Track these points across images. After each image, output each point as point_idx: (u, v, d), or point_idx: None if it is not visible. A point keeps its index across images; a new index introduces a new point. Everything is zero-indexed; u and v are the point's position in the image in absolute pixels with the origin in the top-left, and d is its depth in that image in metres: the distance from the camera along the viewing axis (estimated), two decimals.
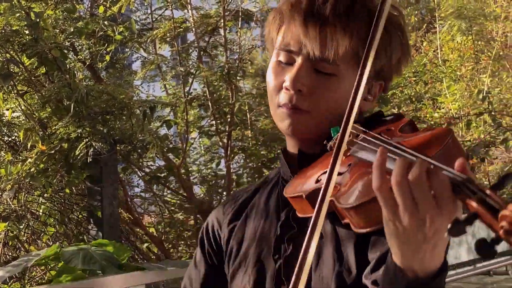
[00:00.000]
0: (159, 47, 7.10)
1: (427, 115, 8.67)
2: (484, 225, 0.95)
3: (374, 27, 1.25)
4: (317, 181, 1.33)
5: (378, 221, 1.12)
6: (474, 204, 0.96)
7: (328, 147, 1.41)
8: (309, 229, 1.19)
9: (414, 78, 8.35)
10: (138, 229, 6.71)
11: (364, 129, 1.31)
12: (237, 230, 1.62)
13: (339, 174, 1.25)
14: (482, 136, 9.34)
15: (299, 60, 1.45)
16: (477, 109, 9.48)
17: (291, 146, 1.55)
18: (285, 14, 1.47)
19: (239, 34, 6.87)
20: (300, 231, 1.42)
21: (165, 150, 6.30)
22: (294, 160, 1.52)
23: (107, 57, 6.62)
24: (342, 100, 1.44)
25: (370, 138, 1.26)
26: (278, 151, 7.08)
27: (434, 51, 10.93)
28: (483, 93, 9.50)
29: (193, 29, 6.85)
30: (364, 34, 1.40)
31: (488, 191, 0.96)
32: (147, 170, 6.76)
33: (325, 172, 1.27)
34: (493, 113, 9.30)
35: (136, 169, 6.74)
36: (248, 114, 6.96)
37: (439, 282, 1.12)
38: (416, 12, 14.71)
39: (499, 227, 0.91)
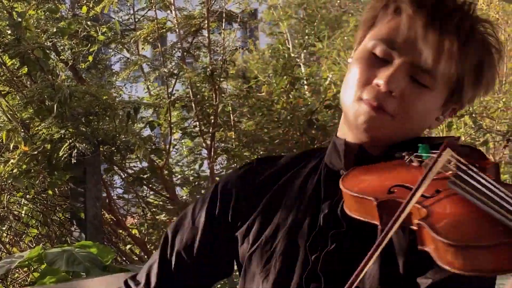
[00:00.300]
0: (142, 48, 7.08)
1: None
2: None
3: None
4: (390, 192, 1.24)
5: (479, 270, 1.05)
6: None
7: (406, 161, 1.33)
8: (375, 245, 1.12)
9: None
10: (121, 231, 6.68)
11: (467, 163, 1.21)
12: (264, 206, 1.52)
13: (425, 197, 1.18)
14: (463, 138, 9.41)
15: (399, 60, 1.38)
16: (458, 112, 9.53)
17: (350, 137, 1.46)
18: (405, 8, 1.38)
19: (223, 36, 6.86)
20: (349, 231, 1.37)
21: (148, 151, 6.27)
22: (349, 153, 1.45)
23: (90, 58, 6.58)
24: (426, 114, 1.42)
25: (475, 175, 1.17)
26: (262, 152, 7.11)
27: None
28: None
29: (177, 30, 6.83)
30: (475, 62, 1.38)
31: None
32: (130, 171, 6.74)
33: (401, 186, 1.23)
34: (473, 115, 9.36)
35: (119, 170, 6.71)
36: (231, 115, 6.95)
37: None
38: None
39: None
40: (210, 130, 6.65)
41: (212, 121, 6.66)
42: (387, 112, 1.38)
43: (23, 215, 6.29)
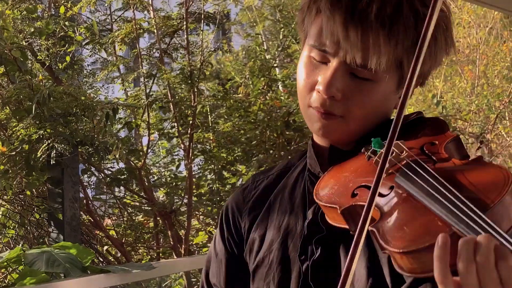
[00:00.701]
0: (120, 49, 7.06)
1: None
2: None
3: (421, 39, 1.15)
4: (354, 194, 1.24)
5: (429, 270, 1.05)
6: None
7: (366, 157, 1.32)
8: (350, 253, 1.10)
9: None
10: (98, 232, 6.65)
11: (415, 153, 1.22)
12: (259, 221, 1.52)
13: (381, 195, 1.18)
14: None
15: (334, 63, 1.36)
16: (432, 113, 9.65)
17: (321, 140, 1.47)
18: (323, 9, 1.35)
19: (201, 37, 6.87)
20: (330, 234, 1.35)
21: (126, 152, 6.26)
22: (323, 154, 1.45)
23: (68, 58, 6.55)
24: (377, 103, 1.40)
25: (418, 168, 1.17)
26: (239, 153, 7.13)
27: None
28: (437, 98, 9.67)
29: (155, 31, 6.82)
30: (409, 40, 1.33)
31: None
32: (107, 172, 6.71)
33: (363, 186, 1.22)
34: (448, 117, 9.46)
35: (96, 171, 6.69)
36: (209, 116, 6.96)
37: None
38: None
39: None
40: (188, 131, 6.63)
41: (191, 122, 6.65)
42: (336, 115, 1.37)
43: (0, 216, 6.24)
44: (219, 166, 7.07)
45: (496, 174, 1.14)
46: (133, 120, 6.70)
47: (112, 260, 6.79)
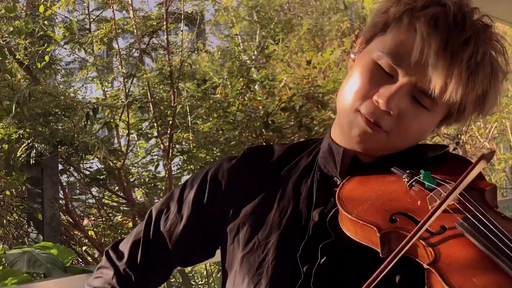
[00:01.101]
0: (99, 49, 7.03)
1: None
2: None
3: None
4: (392, 220, 1.21)
5: None
6: None
7: (406, 183, 1.30)
8: (375, 273, 1.10)
9: None
10: (77, 232, 6.62)
11: (475, 203, 1.20)
12: (255, 206, 1.48)
13: (431, 233, 1.15)
14: None
15: (403, 80, 1.35)
16: None
17: (346, 143, 1.44)
18: (420, 29, 1.33)
19: (181, 37, 6.87)
20: (338, 241, 1.33)
21: (107, 152, 6.24)
22: (343, 159, 1.43)
23: (46, 58, 6.52)
24: (421, 132, 1.40)
25: (484, 219, 1.15)
26: (218, 154, 7.14)
27: None
28: None
29: (134, 30, 6.81)
30: (480, 90, 1.36)
31: None
32: (86, 172, 6.69)
33: (404, 215, 1.19)
34: None
35: (75, 172, 6.66)
36: (189, 116, 6.96)
37: None
38: (346, 18, 14.95)
39: None
40: (168, 132, 6.63)
41: (170, 122, 6.65)
42: (382, 129, 1.37)
43: None
44: (198, 166, 7.08)
45: None
46: (112, 120, 6.67)
47: (91, 260, 6.76)
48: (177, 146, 7.21)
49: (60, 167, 6.53)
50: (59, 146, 5.89)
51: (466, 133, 11.92)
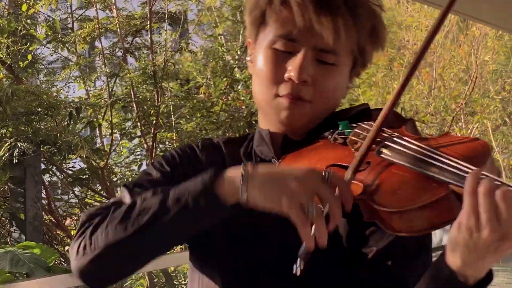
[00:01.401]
0: (82, 48, 7.02)
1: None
2: None
3: (439, 21, 1.28)
4: (325, 173, 1.27)
5: (421, 229, 1.14)
6: None
7: (330, 138, 1.39)
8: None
9: None
10: (59, 232, 6.60)
11: (391, 131, 1.30)
12: None
13: (359, 171, 1.24)
14: None
15: (303, 50, 1.42)
16: None
17: (273, 128, 1.50)
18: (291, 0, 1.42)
19: (165, 36, 6.86)
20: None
21: (89, 151, 6.22)
22: (275, 142, 1.49)
23: (29, 57, 6.50)
24: (338, 89, 1.47)
25: (401, 141, 1.25)
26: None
27: None
28: None
29: (118, 30, 6.80)
30: (368, 26, 1.45)
31: None
32: (69, 172, 6.67)
33: (335, 165, 1.27)
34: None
35: (58, 171, 6.63)
36: (172, 116, 6.96)
37: None
38: None
39: None
40: (152, 131, 6.62)
41: (154, 121, 6.64)
42: (306, 100, 1.43)
43: None
44: None
45: (474, 144, 1.24)
46: (95, 120, 6.66)
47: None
48: (160, 145, 7.20)
49: (43, 166, 6.51)
50: (41, 146, 5.87)
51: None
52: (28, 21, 6.38)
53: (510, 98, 13.75)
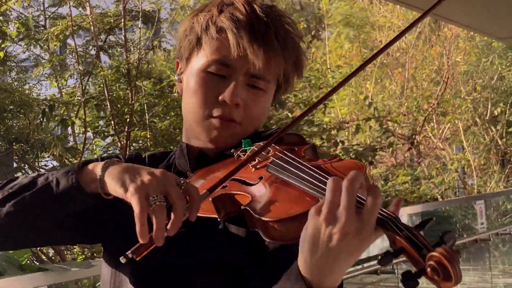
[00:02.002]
0: (55, 46, 6.96)
1: (318, 119, 8.91)
2: (409, 260, 1.07)
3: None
4: (223, 187, 1.39)
5: (294, 238, 1.20)
6: (403, 241, 1.07)
7: (235, 155, 1.50)
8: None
9: (307, 83, 8.54)
10: None
11: (283, 150, 1.41)
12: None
13: (250, 184, 1.36)
14: (368, 141, 9.68)
15: (236, 75, 1.53)
16: (364, 114, 9.82)
17: (194, 143, 1.61)
18: (229, 29, 1.52)
19: (139, 34, 6.83)
20: (190, 230, 1.41)
21: (62, 149, 6.18)
22: (191, 156, 1.59)
23: (1, 54, 6.44)
24: (264, 112, 1.61)
25: (288, 159, 1.35)
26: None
27: (322, 57, 11.25)
28: (369, 99, 9.87)
29: (91, 27, 6.75)
30: (293, 57, 1.58)
31: (415, 231, 1.08)
32: (41, 170, 6.61)
33: (233, 180, 1.37)
34: (380, 118, 9.64)
35: (30, 169, 6.57)
36: (146, 114, 6.93)
37: None
38: (302, 19, 15.04)
39: (428, 265, 1.03)
40: (126, 129, 6.58)
41: (128, 120, 6.61)
42: (236, 121, 1.55)
43: None
44: None
45: (351, 163, 1.36)
46: (69, 118, 6.61)
47: (45, 259, 6.69)
48: (134, 144, 7.17)
49: (15, 164, 6.45)
50: (14, 143, 5.81)
51: (420, 134, 12.09)
52: (1, 18, 6.31)
53: (481, 99, 13.91)
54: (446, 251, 1.02)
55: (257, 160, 1.41)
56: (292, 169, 1.31)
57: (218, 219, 1.38)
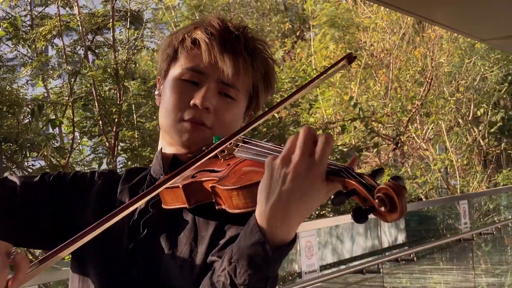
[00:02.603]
0: (42, 45, 6.96)
1: (303, 120, 8.96)
2: (359, 200, 1.13)
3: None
4: (193, 176, 1.50)
5: (254, 204, 1.28)
6: (353, 182, 1.14)
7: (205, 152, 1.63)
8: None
9: (293, 84, 8.58)
10: None
11: (246, 138, 1.55)
12: (99, 212, 1.64)
13: (219, 171, 1.47)
14: (353, 141, 9.75)
15: (208, 82, 1.65)
16: (349, 115, 9.88)
17: (169, 150, 1.70)
18: (202, 40, 1.65)
19: (127, 34, 6.84)
20: (155, 214, 1.59)
21: (52, 149, 6.18)
22: (165, 162, 1.68)
23: None
24: (235, 121, 1.69)
25: (252, 141, 1.51)
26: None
27: (307, 58, 11.31)
28: (354, 100, 9.93)
29: (80, 27, 6.76)
30: (262, 71, 1.71)
31: (365, 175, 1.16)
32: (30, 170, 6.60)
33: (202, 171, 1.49)
34: (366, 119, 9.69)
35: (18, 169, 6.57)
36: (134, 115, 6.94)
37: (279, 254, 1.24)
38: (286, 19, 15.11)
39: (376, 197, 1.09)
40: (114, 129, 6.60)
41: (116, 120, 6.62)
42: (206, 126, 1.64)
43: None
44: (143, 164, 7.06)
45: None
46: (58, 119, 6.61)
47: (32, 259, 6.67)
48: (121, 144, 7.18)
49: (3, 164, 6.44)
50: (2, 143, 5.80)
51: (404, 134, 12.17)
52: None
53: (464, 100, 14.02)
54: (394, 184, 1.09)
55: (226, 152, 1.53)
56: (256, 148, 1.44)
57: (187, 207, 1.49)
